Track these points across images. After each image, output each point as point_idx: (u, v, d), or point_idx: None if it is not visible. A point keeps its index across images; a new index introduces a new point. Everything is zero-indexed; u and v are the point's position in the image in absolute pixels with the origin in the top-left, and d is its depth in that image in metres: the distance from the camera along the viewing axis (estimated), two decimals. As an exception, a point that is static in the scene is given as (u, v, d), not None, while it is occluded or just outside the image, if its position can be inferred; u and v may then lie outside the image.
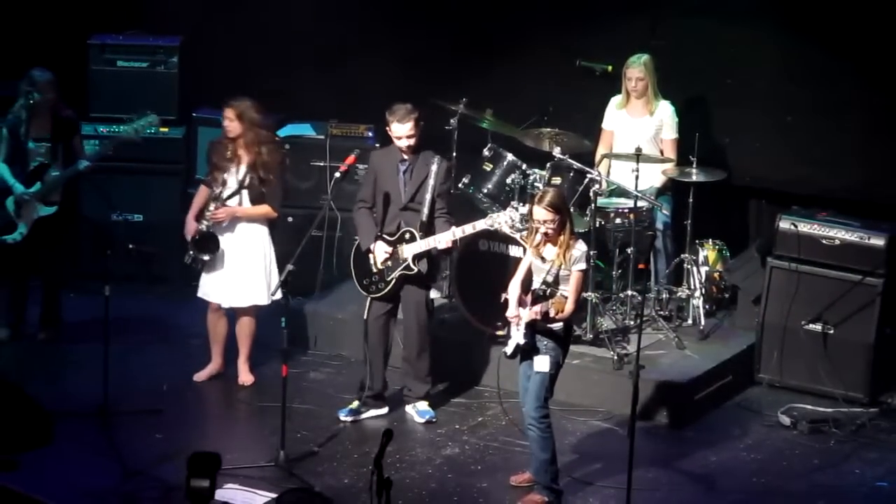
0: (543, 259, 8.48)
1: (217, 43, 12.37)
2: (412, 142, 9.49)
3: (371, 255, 9.56)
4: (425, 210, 9.47)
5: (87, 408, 9.42)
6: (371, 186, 9.64)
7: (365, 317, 9.69)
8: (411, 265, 9.48)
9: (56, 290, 10.86)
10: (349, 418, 9.69)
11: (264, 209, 9.94)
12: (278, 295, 9.70)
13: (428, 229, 9.47)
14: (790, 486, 9.03)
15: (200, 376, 10.19)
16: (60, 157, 10.54)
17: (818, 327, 10.22)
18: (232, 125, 9.89)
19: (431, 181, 9.47)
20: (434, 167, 9.49)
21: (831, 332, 10.19)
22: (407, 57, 12.16)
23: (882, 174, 10.99)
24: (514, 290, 8.53)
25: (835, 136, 11.10)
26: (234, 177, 9.92)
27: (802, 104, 11.17)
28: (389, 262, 9.52)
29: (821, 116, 11.14)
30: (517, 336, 8.42)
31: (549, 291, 8.30)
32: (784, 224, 10.36)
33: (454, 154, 10.75)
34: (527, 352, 8.48)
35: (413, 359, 9.76)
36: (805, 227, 10.30)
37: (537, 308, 8.30)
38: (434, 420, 9.68)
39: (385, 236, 9.53)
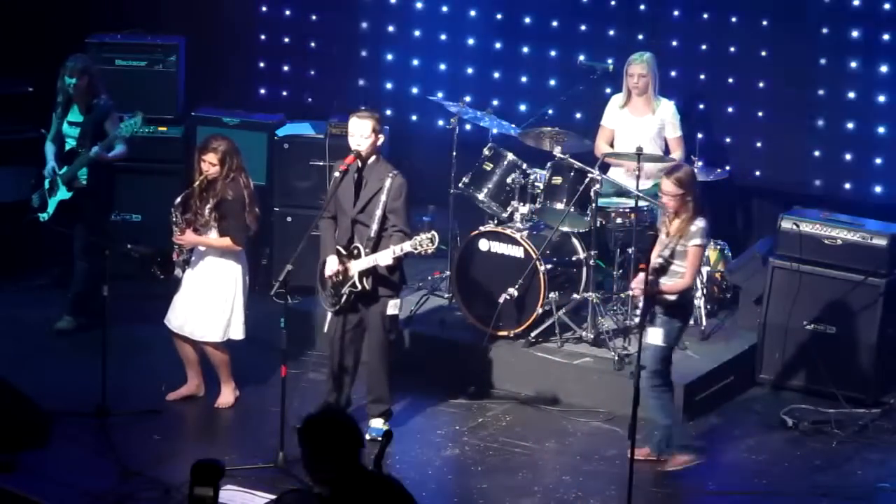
0: (667, 234, 8.87)
1: (216, 42, 12.34)
2: (365, 144, 9.12)
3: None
4: (374, 226, 9.11)
5: (85, 408, 9.39)
6: (331, 195, 9.27)
7: (325, 330, 9.42)
8: (357, 283, 9.12)
9: (87, 278, 10.71)
10: None
11: (226, 241, 9.46)
12: (237, 307, 9.57)
13: (376, 246, 9.10)
14: (792, 487, 9.00)
15: (172, 396, 9.77)
16: (89, 141, 10.53)
17: (820, 328, 10.19)
18: (213, 169, 9.34)
19: (383, 197, 9.09)
20: (388, 182, 9.10)
21: (833, 332, 10.16)
22: (406, 56, 12.13)
23: (885, 174, 10.97)
24: (651, 264, 8.84)
25: (837, 135, 11.08)
26: (204, 210, 9.49)
27: (804, 103, 11.15)
28: (340, 277, 9.19)
29: (822, 116, 11.12)
30: (640, 308, 8.88)
31: (663, 265, 8.79)
32: (786, 224, 10.32)
33: (454, 154, 10.70)
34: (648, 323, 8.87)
35: (370, 377, 9.41)
36: (807, 227, 10.26)
37: (637, 282, 8.75)
38: (379, 438, 8.82)
39: (340, 249, 9.20)
